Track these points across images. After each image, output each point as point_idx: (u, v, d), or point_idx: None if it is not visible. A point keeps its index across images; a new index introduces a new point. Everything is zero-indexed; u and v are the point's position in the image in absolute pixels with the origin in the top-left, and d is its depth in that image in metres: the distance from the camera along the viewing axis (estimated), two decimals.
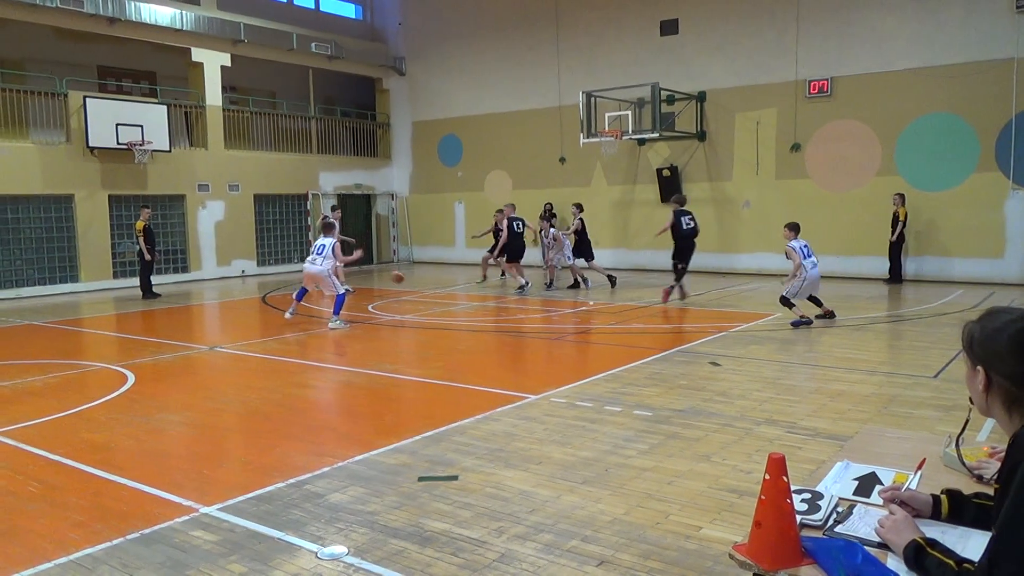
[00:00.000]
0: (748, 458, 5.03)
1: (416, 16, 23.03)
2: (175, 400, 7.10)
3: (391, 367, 8.45)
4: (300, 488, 4.70)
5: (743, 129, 17.42)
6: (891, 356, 8.82)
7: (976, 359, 1.82)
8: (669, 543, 3.81)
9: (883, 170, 15.77)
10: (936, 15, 14.96)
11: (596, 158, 19.13)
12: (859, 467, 2.42)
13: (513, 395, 6.88)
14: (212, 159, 19.14)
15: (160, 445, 5.77)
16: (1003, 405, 1.79)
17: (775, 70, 16.84)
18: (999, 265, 14.62)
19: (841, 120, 16.19)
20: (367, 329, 11.22)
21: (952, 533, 1.93)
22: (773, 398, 6.60)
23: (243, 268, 19.85)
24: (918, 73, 15.22)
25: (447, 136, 22.65)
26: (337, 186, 22.12)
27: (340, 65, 22.11)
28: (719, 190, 17.85)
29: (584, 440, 5.52)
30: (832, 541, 1.94)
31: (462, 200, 22.40)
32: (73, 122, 16.58)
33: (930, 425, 5.69)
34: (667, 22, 18.28)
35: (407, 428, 5.97)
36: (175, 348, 9.76)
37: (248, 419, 6.52)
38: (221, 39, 19.19)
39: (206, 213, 19.07)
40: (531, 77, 20.59)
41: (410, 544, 3.87)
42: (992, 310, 1.85)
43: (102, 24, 17.05)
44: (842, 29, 16.00)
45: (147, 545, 3.93)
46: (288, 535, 4.02)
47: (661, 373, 7.66)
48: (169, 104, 18.24)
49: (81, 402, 6.98)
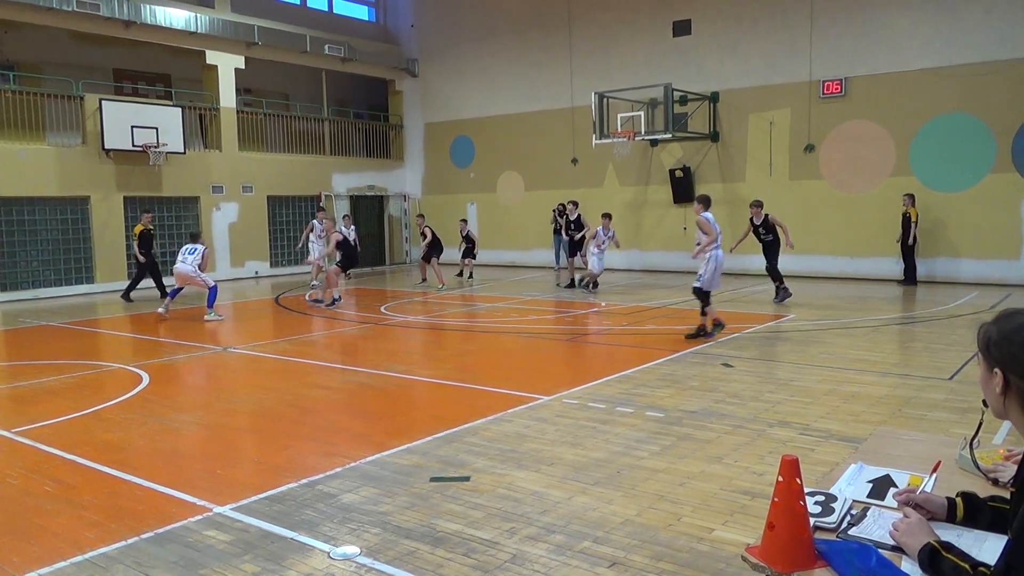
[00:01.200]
0: (761, 460, 5.00)
1: (429, 18, 23.10)
2: (189, 400, 7.15)
3: (403, 368, 8.47)
4: (312, 488, 4.71)
5: (756, 130, 17.35)
6: (905, 358, 8.75)
7: (993, 361, 1.79)
8: (681, 545, 3.80)
9: (897, 171, 15.66)
10: (952, 15, 14.85)
11: (608, 159, 19.11)
12: (873, 469, 2.40)
13: (525, 396, 6.88)
14: (226, 161, 19.25)
15: (174, 445, 5.80)
16: (1021, 408, 1.77)
17: (789, 70, 16.76)
18: (1015, 266, 14.48)
19: (855, 120, 16.09)
20: (379, 330, 11.25)
21: (968, 536, 1.91)
22: (786, 400, 6.57)
23: (256, 269, 19.95)
24: (934, 73, 15.11)
25: (459, 137, 22.68)
26: (350, 187, 22.21)
27: (353, 67, 22.20)
28: (732, 191, 17.78)
29: (596, 441, 5.51)
30: (846, 544, 1.93)
31: (474, 201, 22.43)
32: (89, 124, 16.74)
33: (945, 427, 5.64)
34: (680, 23, 18.23)
35: (419, 429, 5.99)
36: (189, 348, 9.82)
37: (261, 419, 6.55)
38: (235, 41, 19.31)
39: (220, 215, 19.19)
40: (543, 78, 20.59)
41: (422, 544, 3.88)
42: (1009, 311, 1.82)
43: (118, 27, 17.19)
44: (856, 29, 15.91)
45: (161, 544, 3.96)
46: (301, 535, 4.04)
47: (673, 374, 7.64)
48: (184, 106, 18.37)
49: (97, 402, 7.04)
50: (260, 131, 20.43)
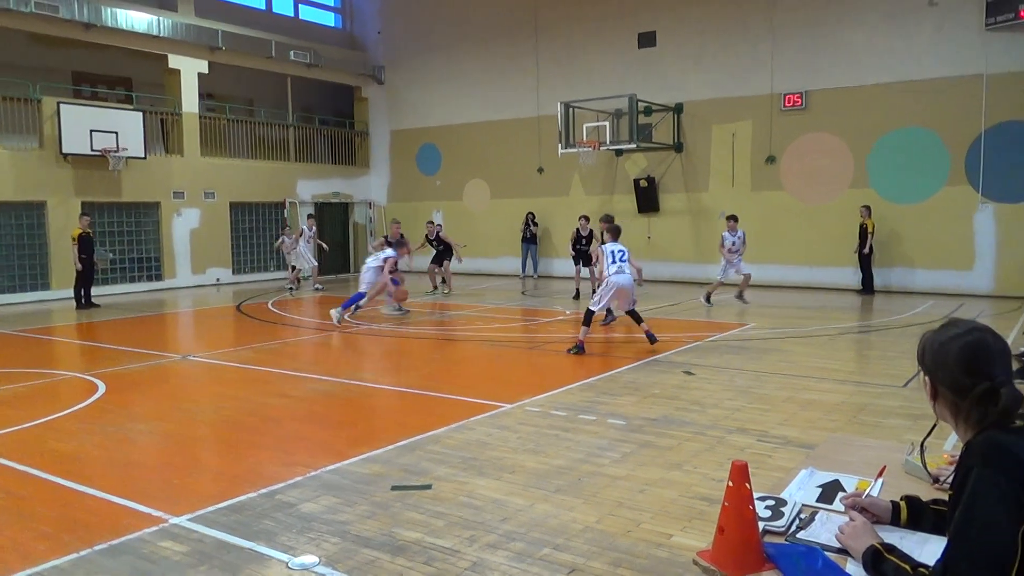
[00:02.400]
0: (720, 466, 5.06)
1: (395, 26, 23.07)
2: (146, 409, 7.02)
3: (366, 376, 8.42)
4: (271, 498, 4.66)
5: (719, 141, 17.61)
6: (862, 366, 8.93)
7: (925, 369, 1.89)
8: (640, 551, 3.83)
9: (856, 182, 16.01)
10: (907, 31, 15.25)
11: (574, 168, 19.24)
12: (823, 474, 2.46)
13: (488, 404, 6.88)
14: (188, 166, 18.99)
15: (130, 455, 5.70)
16: (951, 414, 1.85)
17: (751, 83, 17.06)
18: (968, 277, 14.87)
19: (815, 133, 16.42)
20: (343, 338, 11.17)
21: (911, 539, 1.97)
22: (745, 407, 6.66)
23: (218, 276, 19.69)
24: (890, 88, 15.49)
25: (426, 145, 22.66)
26: (315, 194, 22.05)
27: (319, 73, 22.07)
28: (695, 201, 18.01)
29: (558, 449, 5.53)
30: (793, 547, 1.97)
31: (440, 209, 22.41)
32: (46, 128, 16.40)
33: (898, 434, 5.76)
34: (645, 34, 18.46)
35: (381, 437, 5.95)
36: (147, 357, 9.65)
37: (220, 428, 6.46)
38: (198, 46, 19.09)
39: (181, 221, 18.91)
40: (510, 87, 20.68)
41: (382, 553, 3.86)
42: (947, 322, 1.91)
43: (77, 30, 16.90)
44: (816, 44, 16.25)
45: (114, 556, 3.89)
46: (259, 545, 3.99)
47: (635, 382, 7.70)
48: (145, 111, 18.10)
49: (49, 412, 6.88)
50: (223, 137, 20.20)
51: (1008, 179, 14.41)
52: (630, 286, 9.58)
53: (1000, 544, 1.58)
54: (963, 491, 1.67)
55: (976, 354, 1.79)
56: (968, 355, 1.79)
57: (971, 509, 1.63)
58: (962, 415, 1.81)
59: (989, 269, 14.76)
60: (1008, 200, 14.48)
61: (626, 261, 9.58)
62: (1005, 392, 1.75)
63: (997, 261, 14.69)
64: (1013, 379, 1.79)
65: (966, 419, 1.81)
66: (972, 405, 1.78)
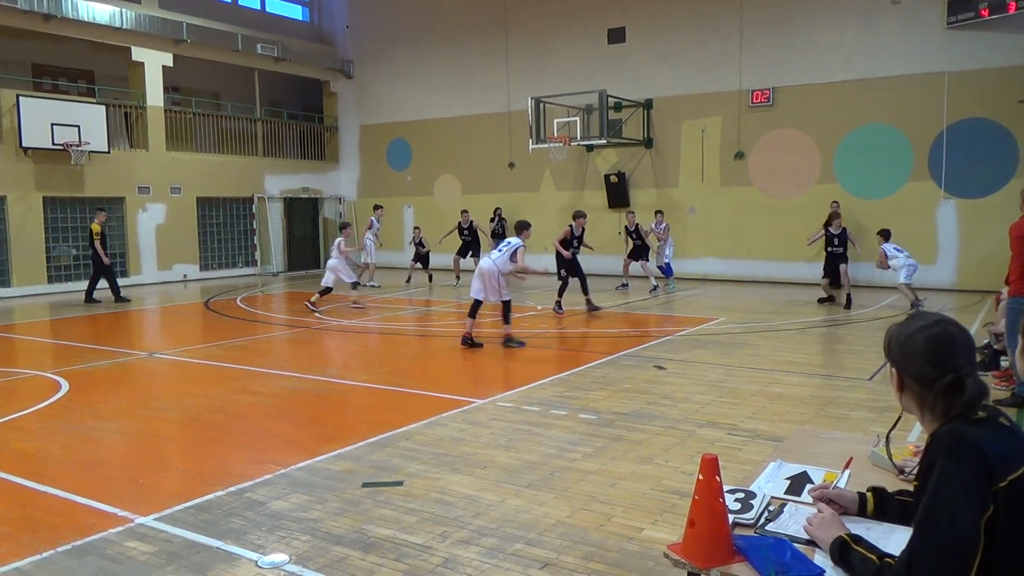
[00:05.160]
0: (690, 460, 5.11)
1: (364, 20, 22.87)
2: (111, 408, 6.90)
3: (336, 372, 8.36)
4: (240, 496, 4.61)
5: (689, 137, 17.73)
6: (829, 359, 9.06)
7: (892, 361, 1.92)
8: (612, 545, 3.85)
9: (823, 178, 16.22)
10: (872, 29, 15.47)
11: (545, 164, 19.25)
12: (791, 467, 2.48)
13: (460, 400, 6.87)
14: (153, 161, 18.67)
15: (95, 454, 5.60)
16: (916, 405, 1.89)
17: (720, 79, 17.19)
18: (931, 271, 15.13)
19: (783, 129, 16.60)
20: (313, 334, 11.07)
21: (877, 529, 2.00)
22: (715, 401, 6.72)
23: (185, 272, 19.41)
24: (855, 85, 15.71)
25: (396, 140, 22.52)
26: (283, 189, 21.81)
27: (286, 67, 21.82)
28: (665, 196, 18.11)
29: (529, 444, 5.54)
30: (762, 539, 1.99)
31: (411, 204, 22.29)
32: (5, 121, 16.02)
33: (865, 426, 5.86)
34: (614, 30, 18.51)
35: (352, 434, 5.91)
36: (112, 355, 9.48)
37: (187, 426, 6.37)
38: (163, 38, 18.76)
39: (146, 216, 18.60)
40: (480, 83, 20.62)
41: (353, 551, 3.83)
42: (912, 315, 1.95)
43: (36, 21, 16.52)
44: (784, 40, 16.42)
45: (79, 557, 3.81)
46: (227, 544, 3.94)
47: (607, 377, 7.74)
48: (108, 104, 17.75)
49: (11, 411, 6.73)
50: (189, 131, 19.87)
51: (969, 175, 14.70)
52: (488, 270, 9.56)
53: (964, 534, 1.61)
54: (928, 482, 1.69)
55: (942, 346, 1.83)
56: (934, 347, 1.83)
57: (935, 499, 1.65)
58: (928, 406, 1.85)
59: (951, 263, 15.05)
60: (969, 195, 14.77)
61: (502, 251, 9.75)
62: (970, 383, 1.78)
63: (959, 255, 14.99)
64: (976, 371, 1.83)
65: (932, 410, 1.84)
66: (938, 396, 1.81)
